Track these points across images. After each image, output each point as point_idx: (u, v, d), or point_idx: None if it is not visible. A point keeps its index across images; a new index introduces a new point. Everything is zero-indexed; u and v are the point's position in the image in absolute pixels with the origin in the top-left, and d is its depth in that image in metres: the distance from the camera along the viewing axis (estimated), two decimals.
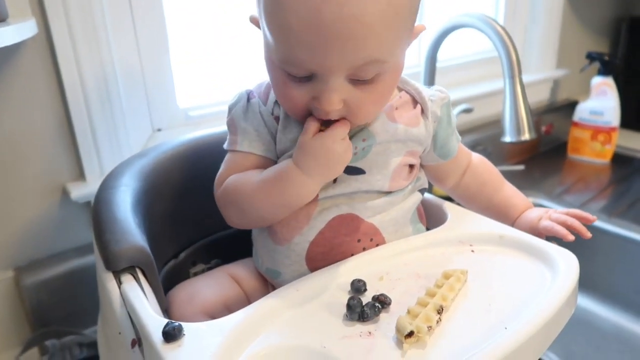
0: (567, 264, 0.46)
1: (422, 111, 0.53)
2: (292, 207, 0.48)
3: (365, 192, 0.51)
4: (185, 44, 0.85)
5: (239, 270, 0.57)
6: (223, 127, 0.66)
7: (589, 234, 0.56)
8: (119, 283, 0.44)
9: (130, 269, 0.45)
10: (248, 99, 0.53)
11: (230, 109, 0.54)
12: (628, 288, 1.01)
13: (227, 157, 0.53)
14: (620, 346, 0.96)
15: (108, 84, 0.73)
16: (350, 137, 0.49)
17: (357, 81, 0.43)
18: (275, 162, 0.51)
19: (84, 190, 0.74)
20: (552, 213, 0.58)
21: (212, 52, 0.88)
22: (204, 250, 0.63)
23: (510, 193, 0.62)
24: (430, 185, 0.60)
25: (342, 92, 0.43)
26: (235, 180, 0.50)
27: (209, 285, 0.54)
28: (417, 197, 0.55)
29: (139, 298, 0.42)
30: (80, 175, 0.76)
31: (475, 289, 0.45)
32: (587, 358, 0.93)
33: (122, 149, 0.77)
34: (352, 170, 0.50)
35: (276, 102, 0.51)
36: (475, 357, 0.36)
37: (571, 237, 0.55)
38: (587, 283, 1.05)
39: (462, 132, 1.19)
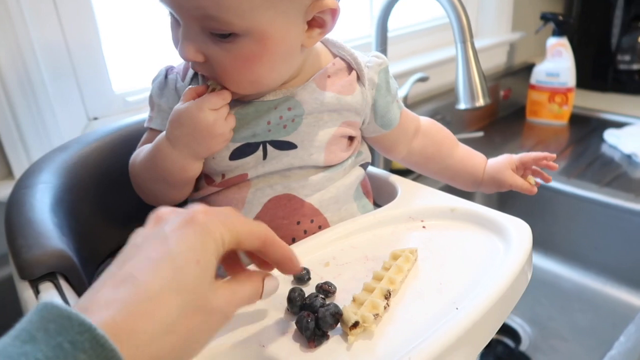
0: (520, 233, 0.44)
1: (358, 78, 0.50)
2: (169, 184, 0.46)
3: (300, 169, 0.48)
4: (116, 23, 0.78)
5: None
6: None
7: (554, 165, 0.57)
8: (37, 293, 0.40)
9: (50, 276, 0.41)
10: (166, 75, 0.50)
11: (151, 84, 0.51)
12: (588, 247, 1.02)
13: (144, 135, 0.52)
14: (582, 305, 0.97)
15: (28, 69, 0.66)
16: (275, 107, 0.46)
17: (214, 36, 0.40)
18: None
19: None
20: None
21: (146, 31, 0.82)
22: None
23: (467, 149, 0.60)
24: (385, 159, 0.57)
25: (198, 43, 0.41)
26: (133, 157, 0.49)
27: None
28: (359, 172, 0.52)
29: None
30: (7, 173, 0.70)
31: (426, 268, 0.43)
32: (552, 319, 0.94)
33: (54, 142, 0.71)
34: (283, 145, 0.47)
35: (194, 77, 0.49)
36: (424, 344, 0.33)
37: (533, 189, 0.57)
38: (548, 244, 1.06)
39: (420, 102, 1.18)
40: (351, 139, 0.51)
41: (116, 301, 0.25)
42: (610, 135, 1.19)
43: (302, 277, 0.41)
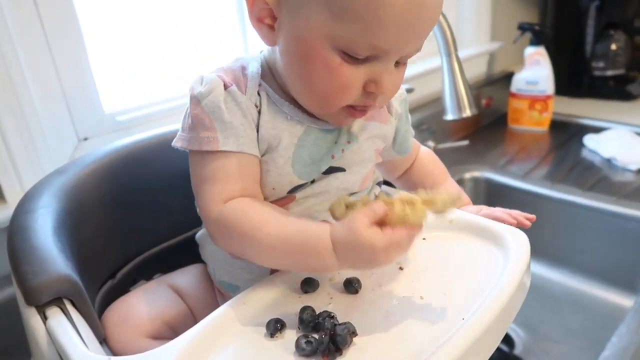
0: (518, 243, 0.45)
1: (387, 108, 0.52)
2: (285, 265, 0.43)
3: (335, 192, 0.49)
4: (104, 42, 0.78)
5: (181, 280, 0.54)
6: (151, 131, 0.61)
7: (528, 223, 0.53)
8: (44, 318, 0.39)
9: (57, 301, 0.40)
10: (225, 87, 0.43)
11: (200, 98, 0.43)
12: (574, 250, 1.04)
13: (206, 161, 0.43)
14: (572, 307, 0.99)
15: (17, 91, 0.66)
16: (336, 141, 0.47)
17: (397, 63, 0.42)
18: (259, 159, 0.45)
19: (4, 213, 0.67)
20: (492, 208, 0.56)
21: (133, 50, 0.82)
22: (144, 266, 0.59)
23: (452, 186, 0.62)
24: None
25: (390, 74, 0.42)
26: (246, 215, 0.41)
27: (145, 302, 0.50)
28: (376, 191, 0.54)
29: (68, 334, 0.38)
30: None
31: (429, 279, 0.44)
32: (543, 321, 0.96)
33: (45, 164, 0.70)
34: (331, 170, 0.48)
35: (259, 91, 0.45)
36: (435, 355, 0.34)
37: (512, 221, 0.52)
38: (536, 249, 1.06)
39: None
40: None
41: None
42: (589, 140, 1.23)
43: (314, 287, 0.43)
